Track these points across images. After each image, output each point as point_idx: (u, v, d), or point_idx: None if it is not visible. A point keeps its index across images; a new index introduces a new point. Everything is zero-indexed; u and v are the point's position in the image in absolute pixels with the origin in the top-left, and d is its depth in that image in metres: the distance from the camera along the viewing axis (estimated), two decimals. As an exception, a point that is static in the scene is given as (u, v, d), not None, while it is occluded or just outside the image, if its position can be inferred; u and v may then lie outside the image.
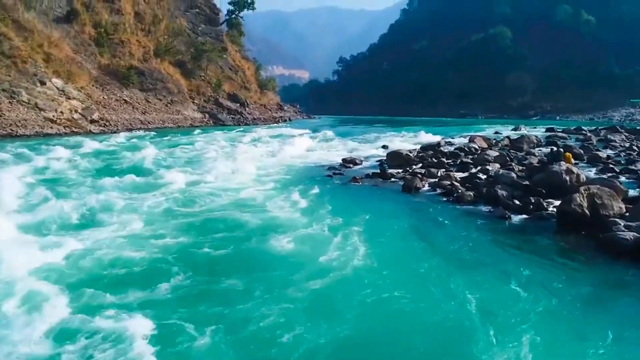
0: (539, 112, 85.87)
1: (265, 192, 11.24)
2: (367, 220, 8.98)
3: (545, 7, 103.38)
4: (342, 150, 21.37)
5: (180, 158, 16.54)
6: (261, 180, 13.27)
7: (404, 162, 16.30)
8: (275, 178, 13.50)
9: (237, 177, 13.24)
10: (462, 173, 13.59)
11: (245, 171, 14.27)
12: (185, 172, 13.39)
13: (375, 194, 11.79)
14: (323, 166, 16.62)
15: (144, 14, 41.13)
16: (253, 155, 17.11)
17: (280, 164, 16.73)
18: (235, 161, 15.77)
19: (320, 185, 12.60)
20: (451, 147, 19.46)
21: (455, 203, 10.49)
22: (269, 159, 17.39)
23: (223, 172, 13.81)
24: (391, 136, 27.71)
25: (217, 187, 11.51)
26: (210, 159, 16.48)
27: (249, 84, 52.91)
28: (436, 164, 15.13)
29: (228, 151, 18.43)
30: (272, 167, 15.89)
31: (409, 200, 11.03)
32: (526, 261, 6.95)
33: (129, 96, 34.19)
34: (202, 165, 14.54)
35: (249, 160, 16.23)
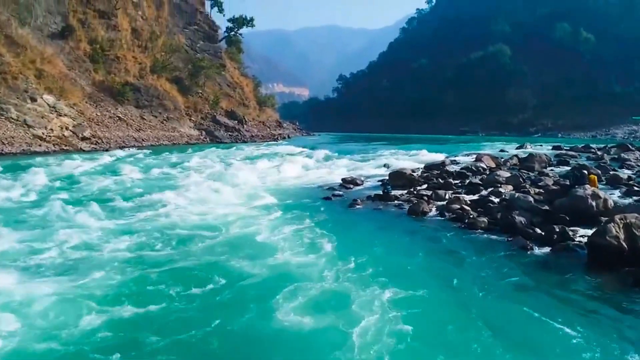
0: (540, 129, 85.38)
1: (255, 218, 10.15)
2: (371, 252, 7.90)
3: (544, 26, 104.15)
4: (342, 169, 20.33)
5: (165, 179, 15.49)
6: (252, 203, 12.20)
7: (407, 182, 15.25)
8: (268, 201, 12.42)
9: (225, 200, 12.17)
10: (471, 195, 12.52)
11: (234, 193, 13.23)
12: (166, 197, 12.31)
13: (378, 220, 10.69)
14: (321, 187, 15.57)
15: (141, 31, 40.72)
16: (245, 176, 16.04)
17: (275, 184, 15.69)
18: (225, 183, 14.73)
19: (317, 209, 11.54)
20: (457, 166, 18.43)
21: (467, 230, 9.39)
22: (263, 180, 16.34)
23: (209, 195, 12.75)
24: (392, 154, 26.72)
25: (201, 212, 10.42)
26: (198, 180, 15.43)
27: (248, 101, 52.33)
28: (443, 185, 14.07)
29: (219, 171, 17.40)
30: (265, 188, 14.84)
31: (416, 227, 9.93)
32: (558, 306, 5.83)
33: (123, 113, 33.38)
34: (188, 188, 13.47)
35: (240, 182, 15.19)
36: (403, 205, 12.10)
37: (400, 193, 14.02)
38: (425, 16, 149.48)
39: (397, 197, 13.08)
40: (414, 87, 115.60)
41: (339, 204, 12.54)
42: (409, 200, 12.51)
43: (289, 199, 12.90)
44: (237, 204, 11.60)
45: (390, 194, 13.19)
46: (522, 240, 8.30)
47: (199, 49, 48.83)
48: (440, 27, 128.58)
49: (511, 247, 8.21)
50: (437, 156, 24.91)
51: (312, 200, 12.83)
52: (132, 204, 11.24)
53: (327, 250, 7.95)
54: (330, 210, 11.56)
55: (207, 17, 51.91)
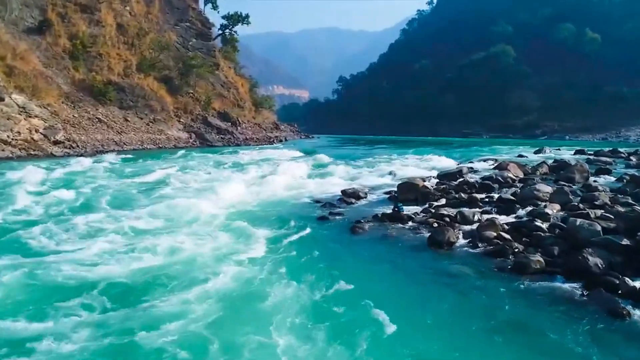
0: (546, 131, 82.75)
1: (227, 256, 7.53)
2: (381, 310, 5.31)
3: (547, 26, 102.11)
4: (341, 177, 17.72)
5: (126, 193, 12.83)
6: (231, 225, 9.59)
7: (420, 196, 12.63)
8: (250, 222, 9.81)
9: (193, 226, 9.55)
10: (506, 216, 9.89)
11: (212, 212, 10.61)
12: (130, 214, 9.73)
13: (389, 254, 8.05)
14: (317, 202, 12.95)
15: (128, 26, 38.13)
16: (226, 189, 13.39)
17: (262, 198, 13.06)
18: (200, 198, 12.10)
19: (310, 238, 8.93)
20: (476, 175, 15.80)
21: (516, 274, 6.75)
22: (249, 192, 13.70)
23: (175, 216, 10.14)
24: (398, 160, 24.11)
25: (155, 246, 7.78)
26: (168, 193, 12.79)
27: (243, 102, 49.72)
28: (466, 201, 11.43)
29: (202, 180, 14.75)
30: (250, 203, 12.22)
31: (440, 267, 7.28)
32: None
33: (104, 114, 30.76)
34: (151, 207, 10.84)
35: (219, 197, 12.55)
36: (420, 230, 9.47)
37: (414, 211, 11.41)
38: (425, 17, 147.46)
39: (410, 218, 10.45)
40: (414, 88, 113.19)
41: (338, 228, 9.91)
42: (427, 222, 9.89)
43: (275, 221, 10.25)
44: (206, 233, 8.94)
45: (402, 213, 10.57)
46: (605, 295, 5.66)
47: (191, 47, 46.22)
48: (441, 29, 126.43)
49: (592, 308, 5.56)
50: (448, 162, 22.33)
51: (305, 223, 10.19)
52: (54, 234, 8.58)
53: (315, 295, 5.36)
54: (326, 239, 8.91)
55: (200, 14, 49.32)
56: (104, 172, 16.27)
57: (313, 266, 7.11)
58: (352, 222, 10.22)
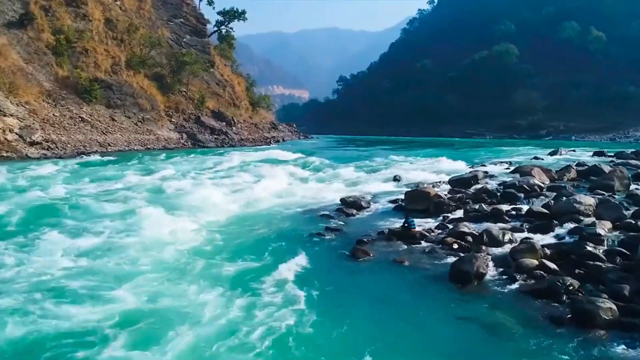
0: (551, 132, 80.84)
1: (194, 286, 5.69)
2: None
3: (551, 25, 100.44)
4: (341, 182, 15.85)
5: (95, 202, 10.97)
6: (203, 247, 7.77)
7: (433, 207, 10.79)
8: (226, 245, 7.97)
9: (162, 243, 7.72)
10: (541, 235, 8.04)
11: (181, 230, 8.76)
12: (75, 232, 7.89)
13: (400, 291, 6.19)
14: (312, 213, 11.12)
15: (117, 21, 36.26)
16: (208, 196, 11.54)
17: (247, 209, 11.20)
18: (176, 209, 10.25)
19: (299, 263, 7.07)
20: (494, 181, 13.94)
21: (577, 328, 4.89)
22: (231, 202, 11.83)
23: (143, 233, 8.29)
24: (402, 162, 22.22)
25: (116, 265, 5.93)
26: (140, 203, 10.93)
27: (239, 101, 47.86)
28: (488, 214, 9.57)
29: (178, 188, 12.88)
30: (231, 216, 10.37)
31: (470, 314, 5.41)
32: None
33: (88, 113, 28.89)
34: (116, 218, 8.99)
35: (198, 205, 10.71)
36: (437, 253, 7.61)
37: (426, 225, 9.58)
38: (427, 16, 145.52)
39: (424, 236, 8.58)
40: (416, 88, 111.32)
41: (336, 250, 8.04)
42: (444, 242, 8.03)
43: (257, 243, 8.37)
44: (168, 264, 7.08)
45: (414, 230, 8.70)
46: None
47: (184, 44, 44.38)
48: (442, 27, 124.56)
49: None
50: (457, 165, 20.43)
51: (295, 243, 8.33)
52: None
53: None
54: (319, 268, 7.04)
55: (194, 10, 47.46)
56: (68, 177, 14.39)
57: (301, 313, 5.25)
58: (352, 241, 8.38)
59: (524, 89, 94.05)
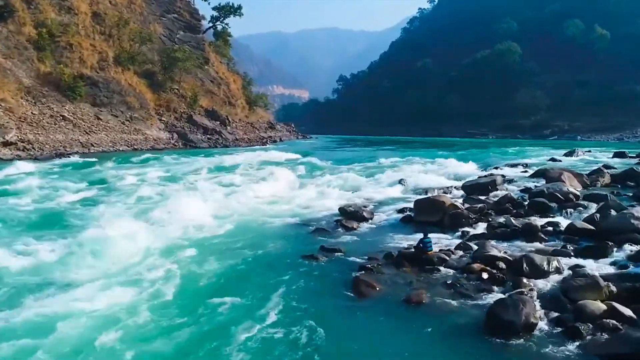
0: (555, 131, 79.11)
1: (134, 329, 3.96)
2: None
3: (554, 23, 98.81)
4: (339, 187, 14.12)
5: (52, 211, 9.22)
6: (158, 277, 6.01)
7: (448, 219, 9.07)
8: (195, 271, 6.24)
9: (119, 265, 5.99)
10: (592, 261, 6.31)
11: (147, 248, 7.03)
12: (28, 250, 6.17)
13: (417, 347, 4.44)
14: (305, 226, 9.38)
15: (105, 15, 34.48)
16: (186, 206, 9.78)
17: (229, 222, 9.44)
18: (147, 221, 8.51)
19: (285, 300, 5.34)
20: (513, 186, 12.22)
21: None
22: (213, 212, 10.07)
23: (100, 251, 6.57)
24: (406, 164, 20.48)
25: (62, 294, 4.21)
26: (106, 213, 9.18)
27: (235, 99, 46.11)
28: (518, 230, 7.82)
29: (149, 196, 11.13)
30: (208, 232, 8.60)
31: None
32: None
33: (71, 112, 27.14)
34: (64, 235, 7.26)
35: (172, 218, 8.96)
36: (462, 286, 5.85)
37: (443, 242, 7.86)
38: (427, 16, 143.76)
39: (443, 260, 6.83)
40: (416, 88, 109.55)
41: (332, 280, 6.28)
42: (470, 270, 6.28)
43: (234, 265, 6.63)
44: (116, 292, 5.34)
45: (431, 253, 6.94)
46: None
47: (178, 40, 42.65)
48: (443, 26, 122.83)
49: None
50: (467, 167, 18.68)
51: (281, 268, 6.60)
52: None
53: None
54: (309, 308, 5.26)
55: (188, 5, 45.71)
56: (27, 181, 12.60)
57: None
58: (353, 267, 6.66)
59: (527, 88, 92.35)
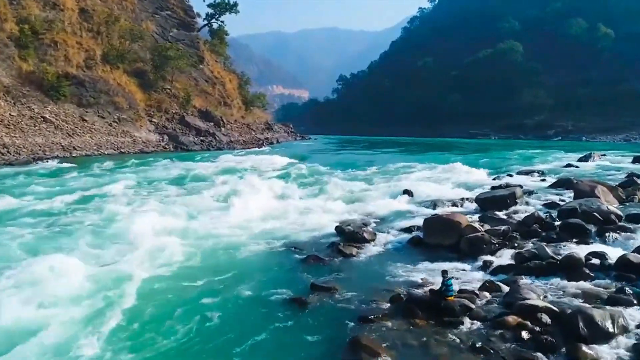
0: (560, 132, 77.56)
1: None
2: None
3: (557, 22, 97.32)
4: (337, 198, 12.59)
5: None
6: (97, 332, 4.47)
7: (466, 244, 7.57)
8: (148, 321, 4.71)
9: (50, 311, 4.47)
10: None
11: (90, 287, 5.49)
12: None
13: None
14: (295, 252, 7.86)
15: (93, 11, 32.93)
16: (152, 228, 8.23)
17: (203, 248, 7.89)
18: (94, 249, 6.96)
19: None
20: (534, 199, 10.69)
21: None
22: (185, 233, 8.53)
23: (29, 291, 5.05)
24: (409, 170, 18.94)
25: None
26: (50, 236, 7.64)
27: (230, 100, 44.56)
28: (555, 263, 6.28)
29: (114, 212, 9.57)
30: (175, 261, 7.05)
31: None
32: None
33: (54, 113, 25.60)
34: None
35: (129, 245, 7.41)
36: (495, 350, 4.35)
37: (463, 278, 6.34)
38: (427, 15, 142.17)
39: (466, 309, 5.30)
40: (417, 87, 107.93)
41: (323, 339, 4.75)
42: (505, 324, 4.77)
43: (200, 313, 5.10)
44: None
45: (452, 299, 5.40)
46: None
47: (171, 38, 41.11)
48: (444, 26, 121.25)
49: None
50: (477, 175, 17.12)
51: (260, 319, 5.07)
52: None
53: None
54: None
55: (182, 1, 44.14)
56: None
57: None
58: (350, 315, 5.15)
59: (530, 87, 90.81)
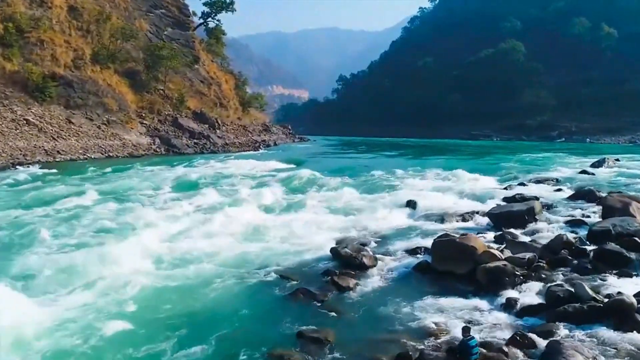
0: (563, 133, 76.33)
1: None
2: None
3: (559, 21, 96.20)
4: (333, 211, 11.40)
5: None
6: None
7: (484, 275, 6.36)
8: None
9: None
10: None
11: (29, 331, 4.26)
12: None
13: None
14: (283, 280, 6.64)
15: (83, 9, 31.72)
16: (112, 255, 7.01)
17: (175, 274, 6.69)
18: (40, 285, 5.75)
19: None
20: (557, 214, 9.48)
21: None
22: (156, 257, 7.31)
23: None
24: (412, 176, 17.70)
25: None
26: None
27: (227, 101, 43.33)
28: (599, 307, 5.06)
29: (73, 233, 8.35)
30: (135, 296, 5.83)
31: None
32: None
33: (38, 115, 24.40)
34: None
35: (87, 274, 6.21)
36: None
37: (485, 322, 5.13)
38: (428, 15, 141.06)
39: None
40: (418, 87, 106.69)
41: None
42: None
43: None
44: None
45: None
46: None
47: (166, 37, 39.86)
48: (444, 25, 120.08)
49: None
50: (483, 182, 15.88)
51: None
52: None
53: None
54: None
55: (177, 0, 42.95)
56: None
57: None
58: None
59: (532, 87, 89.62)
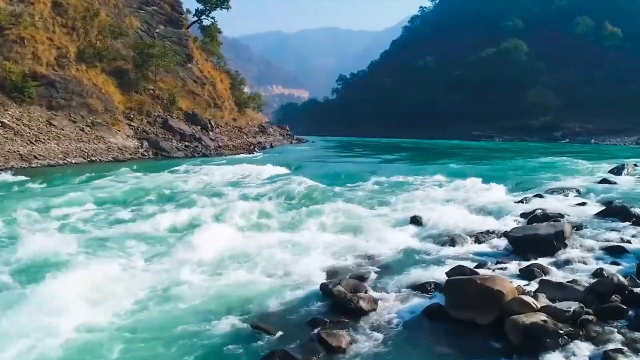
0: (567, 134, 75.01)
1: None
2: None
3: (561, 20, 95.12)
4: (328, 229, 9.91)
5: None
6: None
7: (516, 332, 4.83)
8: None
9: None
10: None
11: None
12: None
13: None
14: (255, 336, 5.09)
15: (68, 5, 30.26)
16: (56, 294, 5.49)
17: (128, 321, 5.19)
18: None
19: None
20: (590, 238, 8.00)
21: None
22: (110, 294, 5.81)
23: None
24: (415, 186, 16.17)
25: None
26: None
27: (221, 101, 41.89)
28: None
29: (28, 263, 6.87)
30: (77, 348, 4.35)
31: None
32: None
33: (15, 117, 22.93)
34: None
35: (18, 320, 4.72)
36: None
37: None
38: (428, 14, 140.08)
39: None
40: (418, 87, 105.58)
41: None
42: None
43: None
44: None
45: None
46: None
47: (157, 35, 38.45)
48: (445, 25, 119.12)
49: None
50: (495, 192, 14.29)
51: None
52: None
53: None
54: None
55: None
56: None
57: None
58: None
59: (536, 87, 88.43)
